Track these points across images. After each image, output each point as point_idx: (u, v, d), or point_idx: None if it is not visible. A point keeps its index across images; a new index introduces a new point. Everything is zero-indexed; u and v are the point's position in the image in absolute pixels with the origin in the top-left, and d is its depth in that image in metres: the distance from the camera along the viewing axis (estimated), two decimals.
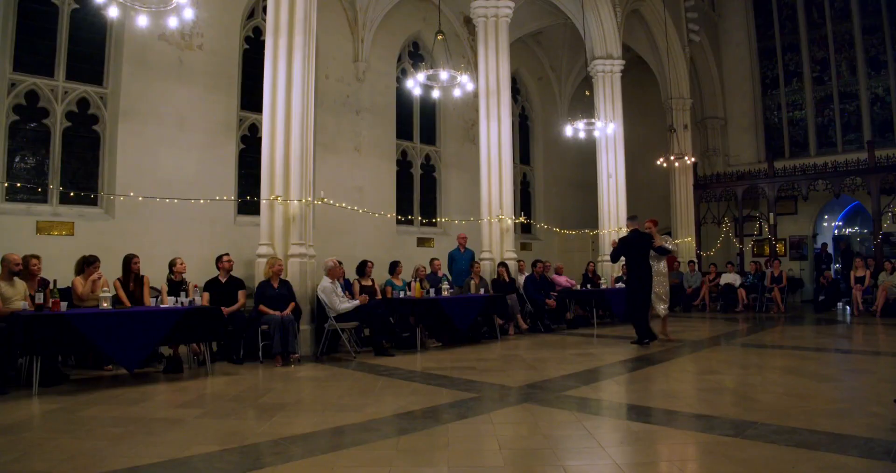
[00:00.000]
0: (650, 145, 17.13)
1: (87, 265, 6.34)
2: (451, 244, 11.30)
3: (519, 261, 10.64)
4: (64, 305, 5.53)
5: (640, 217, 8.53)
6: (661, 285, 8.27)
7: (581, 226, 14.78)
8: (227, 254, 7.35)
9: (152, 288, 7.01)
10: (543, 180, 16.47)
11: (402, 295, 8.32)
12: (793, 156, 16.81)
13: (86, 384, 5.62)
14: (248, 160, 10.00)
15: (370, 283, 8.27)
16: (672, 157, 14.75)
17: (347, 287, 8.11)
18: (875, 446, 3.37)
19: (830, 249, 15.59)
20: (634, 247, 8.04)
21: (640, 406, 4.52)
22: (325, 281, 7.37)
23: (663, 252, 8.15)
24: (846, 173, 14.39)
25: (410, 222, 12.82)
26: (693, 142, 16.78)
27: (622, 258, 8.41)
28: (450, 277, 9.94)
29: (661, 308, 8.34)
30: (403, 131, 12.93)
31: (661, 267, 8.27)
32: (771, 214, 15.42)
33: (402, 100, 12.55)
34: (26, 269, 5.93)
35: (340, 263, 7.89)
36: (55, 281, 5.75)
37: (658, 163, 14.69)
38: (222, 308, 6.60)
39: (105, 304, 5.68)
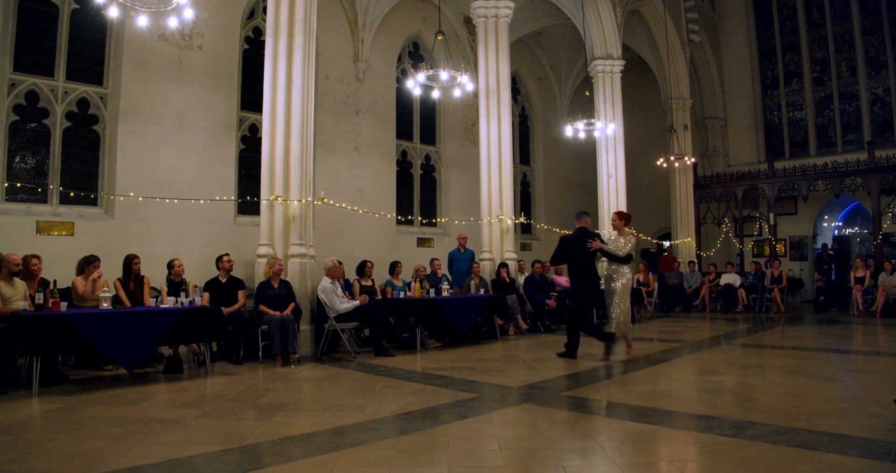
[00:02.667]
0: (650, 145, 17.14)
1: (87, 264, 6.34)
2: (451, 244, 11.30)
3: (519, 261, 10.64)
4: (64, 305, 5.52)
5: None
6: (620, 294, 6.88)
7: None
8: (226, 255, 7.35)
9: (152, 288, 7.01)
10: (543, 180, 16.48)
11: (402, 295, 8.31)
12: (793, 157, 16.82)
13: (86, 384, 5.61)
14: (248, 160, 10.01)
15: (370, 283, 8.27)
16: (672, 157, 14.76)
17: (347, 287, 8.11)
18: (875, 446, 3.37)
19: (831, 249, 15.61)
20: (576, 248, 6.91)
21: (640, 406, 4.51)
22: (325, 282, 7.38)
23: (610, 258, 6.90)
24: (846, 173, 14.40)
25: (410, 222, 12.82)
26: (693, 143, 16.79)
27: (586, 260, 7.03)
28: (450, 277, 9.94)
29: (620, 323, 6.93)
30: (403, 131, 12.93)
31: (624, 271, 6.91)
32: (771, 214, 15.42)
33: (402, 100, 12.55)
34: (26, 269, 5.93)
35: (340, 263, 7.89)
36: (55, 282, 5.75)
37: (658, 163, 14.70)
38: (222, 308, 6.60)
39: (105, 304, 5.68)
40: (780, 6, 17.74)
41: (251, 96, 9.81)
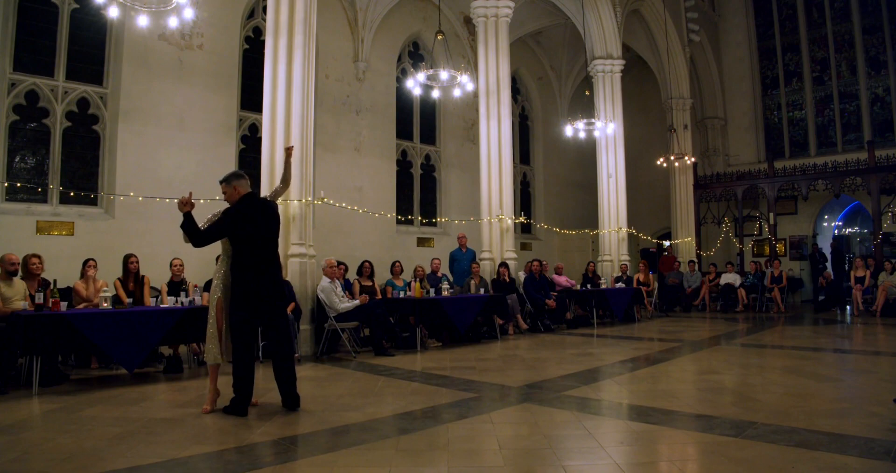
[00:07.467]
0: (650, 145, 17.15)
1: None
2: (450, 244, 11.31)
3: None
4: (64, 305, 5.53)
5: None
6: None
7: (581, 226, 14.78)
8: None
9: (152, 288, 7.01)
10: (543, 180, 16.48)
11: (402, 295, 8.32)
12: (793, 156, 16.82)
13: (86, 384, 5.61)
14: (248, 160, 10.00)
15: (370, 283, 8.27)
16: (672, 157, 14.76)
17: (348, 287, 8.12)
18: (875, 446, 3.37)
19: (827, 250, 15.62)
20: (255, 225, 4.32)
21: (640, 406, 4.51)
22: (325, 281, 7.37)
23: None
24: (846, 173, 14.40)
25: (410, 222, 12.82)
26: (693, 142, 16.80)
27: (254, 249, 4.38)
28: (450, 277, 9.94)
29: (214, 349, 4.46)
30: (403, 131, 12.94)
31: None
32: (771, 214, 15.42)
33: (402, 100, 12.55)
34: (26, 269, 5.93)
35: (340, 264, 7.88)
36: (55, 281, 5.75)
37: (658, 163, 14.71)
38: None
39: (105, 304, 5.68)
40: (780, 6, 17.74)
41: (251, 96, 9.81)
